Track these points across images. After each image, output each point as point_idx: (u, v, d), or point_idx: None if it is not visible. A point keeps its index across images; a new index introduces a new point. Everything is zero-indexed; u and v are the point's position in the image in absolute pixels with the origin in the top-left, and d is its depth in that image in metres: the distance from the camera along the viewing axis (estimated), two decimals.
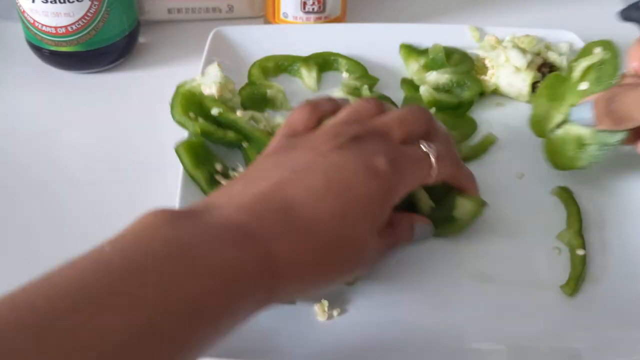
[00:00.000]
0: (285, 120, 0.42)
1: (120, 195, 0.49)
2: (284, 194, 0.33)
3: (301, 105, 0.41)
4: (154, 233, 0.29)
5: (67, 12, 0.55)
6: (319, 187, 0.34)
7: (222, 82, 0.51)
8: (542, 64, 0.57)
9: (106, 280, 0.26)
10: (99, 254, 0.28)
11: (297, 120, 0.41)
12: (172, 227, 0.29)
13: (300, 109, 0.41)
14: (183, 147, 0.47)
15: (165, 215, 0.30)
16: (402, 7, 0.74)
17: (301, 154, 0.36)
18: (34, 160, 0.52)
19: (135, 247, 0.28)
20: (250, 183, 0.34)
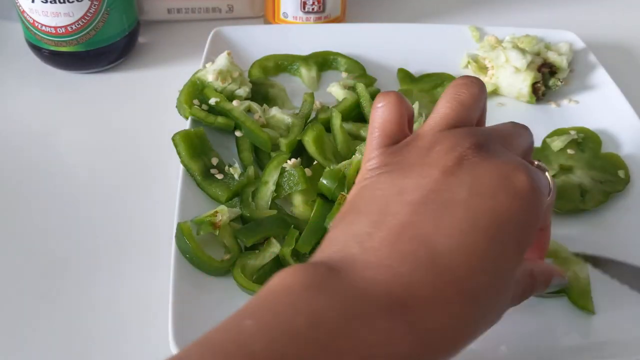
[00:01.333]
0: (372, 124, 0.35)
1: (120, 194, 0.49)
2: (424, 239, 0.28)
3: (383, 99, 0.35)
4: (295, 304, 0.25)
5: (67, 12, 0.55)
6: (461, 223, 0.29)
7: (223, 70, 0.51)
8: (542, 64, 0.57)
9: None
10: (240, 334, 0.24)
11: (388, 123, 0.34)
12: (315, 295, 0.26)
13: (384, 105, 0.35)
14: (180, 137, 0.47)
15: (305, 277, 0.26)
16: (401, 7, 0.74)
17: (423, 174, 0.31)
18: (33, 160, 0.52)
19: (279, 327, 0.24)
20: (378, 221, 0.29)
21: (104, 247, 0.45)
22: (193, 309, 0.38)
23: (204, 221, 0.42)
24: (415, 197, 0.29)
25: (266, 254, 0.42)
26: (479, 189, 0.29)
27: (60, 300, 0.41)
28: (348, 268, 0.27)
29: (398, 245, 0.28)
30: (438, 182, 0.30)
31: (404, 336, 0.25)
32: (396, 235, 0.28)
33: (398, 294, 0.26)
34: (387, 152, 0.33)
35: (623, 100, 0.54)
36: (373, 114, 0.35)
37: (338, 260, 0.28)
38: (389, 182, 0.31)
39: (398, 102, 0.35)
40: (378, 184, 0.31)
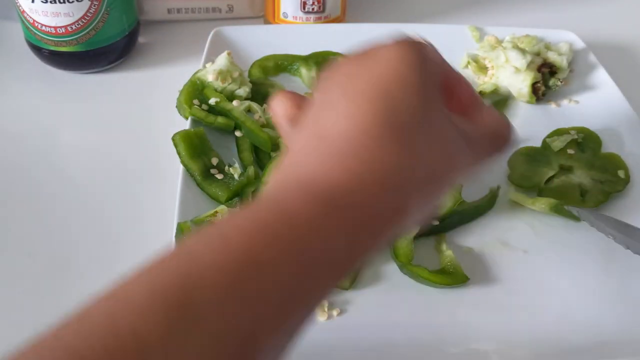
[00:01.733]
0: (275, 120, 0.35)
1: (120, 194, 0.49)
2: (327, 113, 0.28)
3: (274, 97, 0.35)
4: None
5: (67, 12, 0.55)
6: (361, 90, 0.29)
7: (223, 70, 0.51)
8: (542, 64, 0.57)
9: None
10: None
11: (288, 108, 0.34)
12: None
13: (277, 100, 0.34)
14: (180, 137, 0.47)
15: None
16: (401, 7, 0.74)
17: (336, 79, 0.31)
18: (33, 160, 0.52)
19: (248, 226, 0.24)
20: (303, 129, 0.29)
21: (103, 247, 0.45)
22: None
23: (203, 221, 0.42)
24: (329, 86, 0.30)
25: None
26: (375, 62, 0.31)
27: (60, 300, 0.41)
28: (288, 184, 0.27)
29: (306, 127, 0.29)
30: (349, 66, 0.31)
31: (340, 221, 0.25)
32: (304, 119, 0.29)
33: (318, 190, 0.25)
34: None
35: (623, 100, 0.55)
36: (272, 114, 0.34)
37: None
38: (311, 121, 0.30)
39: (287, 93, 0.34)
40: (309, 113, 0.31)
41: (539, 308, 0.40)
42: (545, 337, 0.39)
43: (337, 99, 0.29)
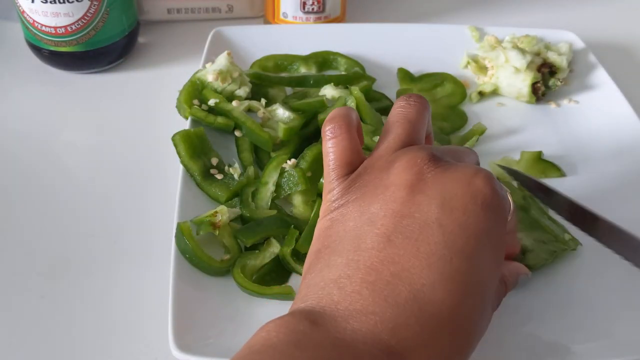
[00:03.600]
0: (327, 156, 0.34)
1: (119, 194, 0.49)
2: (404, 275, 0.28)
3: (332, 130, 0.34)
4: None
5: (67, 12, 0.55)
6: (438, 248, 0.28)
7: (223, 70, 0.51)
8: (541, 64, 0.57)
9: None
10: None
11: (342, 151, 0.33)
12: (298, 351, 0.25)
13: (334, 135, 0.34)
14: (180, 137, 0.47)
15: (286, 333, 0.26)
16: (401, 7, 0.74)
17: (389, 196, 0.30)
18: (33, 160, 0.52)
19: None
20: (354, 260, 0.29)
21: (103, 247, 0.45)
22: (193, 309, 0.38)
23: (203, 221, 0.42)
24: (388, 226, 0.29)
25: (266, 254, 0.42)
26: (449, 203, 0.29)
27: (59, 300, 0.41)
28: (331, 318, 0.27)
29: (379, 287, 0.27)
30: (406, 203, 0.30)
31: None
32: (376, 274, 0.28)
33: (385, 341, 0.26)
34: (347, 180, 0.33)
35: (623, 100, 0.55)
36: (325, 145, 0.34)
37: (320, 310, 0.27)
38: (358, 211, 0.31)
39: (347, 127, 0.34)
40: (347, 215, 0.31)
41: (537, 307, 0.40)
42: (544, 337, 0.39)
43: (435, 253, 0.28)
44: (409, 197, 0.30)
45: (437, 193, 0.30)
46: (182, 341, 0.35)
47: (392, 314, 0.27)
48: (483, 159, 0.50)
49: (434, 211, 0.29)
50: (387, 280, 0.28)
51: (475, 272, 0.28)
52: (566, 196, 0.40)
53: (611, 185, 0.49)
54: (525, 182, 0.43)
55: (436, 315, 0.27)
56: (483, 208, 0.30)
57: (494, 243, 0.30)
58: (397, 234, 0.29)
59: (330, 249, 0.30)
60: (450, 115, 0.55)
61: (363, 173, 0.33)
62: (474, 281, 0.28)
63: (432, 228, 0.29)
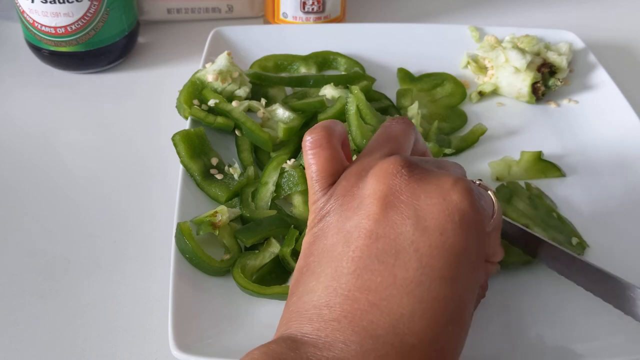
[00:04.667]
0: (308, 167, 0.34)
1: (120, 194, 0.49)
2: (383, 304, 0.27)
3: (312, 143, 0.34)
4: None
5: (67, 12, 0.55)
6: (416, 274, 0.28)
7: (223, 70, 0.51)
8: (541, 64, 0.57)
9: None
10: None
11: (323, 162, 0.33)
12: None
13: (315, 148, 0.34)
14: (180, 137, 0.47)
15: (268, 355, 0.26)
16: (401, 7, 0.74)
17: (363, 211, 0.30)
18: (33, 160, 0.52)
19: None
20: (333, 287, 0.28)
21: (103, 247, 0.45)
22: (193, 309, 0.38)
23: (203, 221, 0.42)
24: (363, 250, 0.29)
25: (266, 254, 0.42)
26: (423, 222, 0.28)
27: (59, 300, 0.41)
28: (312, 346, 0.27)
29: (357, 317, 0.27)
30: (380, 222, 0.29)
31: None
32: (354, 303, 0.27)
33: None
34: (328, 192, 0.32)
35: (622, 100, 0.55)
36: (306, 157, 0.34)
37: (301, 336, 0.27)
38: (336, 227, 0.30)
39: (327, 139, 0.34)
40: (326, 230, 0.31)
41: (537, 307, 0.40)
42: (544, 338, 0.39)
43: (413, 280, 0.28)
44: (383, 215, 0.29)
45: (411, 211, 0.29)
46: (181, 341, 0.35)
47: (372, 345, 0.26)
48: (483, 159, 0.51)
49: (409, 232, 0.28)
50: (366, 309, 0.27)
51: (455, 295, 0.28)
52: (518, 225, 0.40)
53: (611, 185, 0.49)
54: None
55: (417, 347, 0.27)
56: (461, 226, 0.29)
57: (473, 259, 0.29)
58: (372, 258, 0.28)
59: (310, 270, 0.30)
60: (450, 116, 0.55)
61: (342, 181, 0.32)
62: (454, 306, 0.28)
63: (408, 253, 0.28)
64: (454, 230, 0.28)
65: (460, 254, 0.28)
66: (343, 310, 0.27)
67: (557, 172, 0.50)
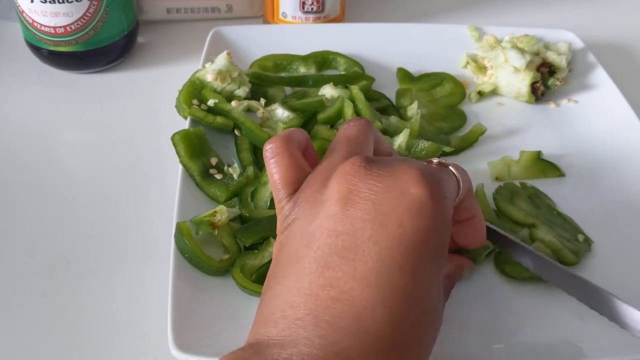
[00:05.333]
0: (271, 178, 0.35)
1: (119, 194, 0.49)
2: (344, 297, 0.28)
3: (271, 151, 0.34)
4: None
5: (66, 12, 0.55)
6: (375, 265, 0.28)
7: (222, 70, 0.51)
8: (541, 63, 0.57)
9: None
10: None
11: (284, 171, 0.34)
12: None
13: (274, 158, 0.34)
14: (179, 137, 0.47)
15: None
16: (401, 6, 0.74)
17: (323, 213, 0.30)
18: (33, 160, 0.52)
19: None
20: (296, 288, 0.29)
21: (102, 247, 0.45)
22: (192, 309, 0.38)
23: (202, 221, 0.42)
24: (324, 248, 0.29)
25: (265, 254, 0.42)
26: (382, 218, 0.29)
27: (59, 300, 0.41)
28: (278, 347, 0.27)
29: (320, 313, 0.27)
30: (339, 221, 0.29)
31: None
32: (316, 300, 0.28)
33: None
34: (292, 199, 0.33)
35: (622, 99, 0.55)
36: (268, 167, 0.35)
37: (266, 339, 0.28)
38: (299, 232, 0.31)
39: (285, 147, 0.34)
40: (290, 237, 0.31)
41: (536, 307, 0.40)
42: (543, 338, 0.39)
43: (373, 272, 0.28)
44: (343, 213, 0.29)
45: (370, 207, 0.29)
46: (181, 341, 0.35)
47: (336, 337, 0.27)
48: (482, 159, 0.51)
49: (368, 227, 0.29)
50: (328, 305, 0.28)
51: (417, 285, 0.28)
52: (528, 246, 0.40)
53: (610, 184, 0.49)
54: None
55: (379, 336, 0.27)
56: (420, 218, 0.29)
57: (434, 247, 0.29)
58: (333, 255, 0.29)
59: (277, 276, 0.31)
60: (450, 115, 0.55)
61: (305, 187, 0.33)
62: (416, 296, 0.28)
63: (367, 246, 0.28)
64: (412, 222, 0.29)
65: (420, 245, 0.29)
66: (306, 309, 0.28)
67: (557, 172, 0.50)
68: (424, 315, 0.28)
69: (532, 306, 0.40)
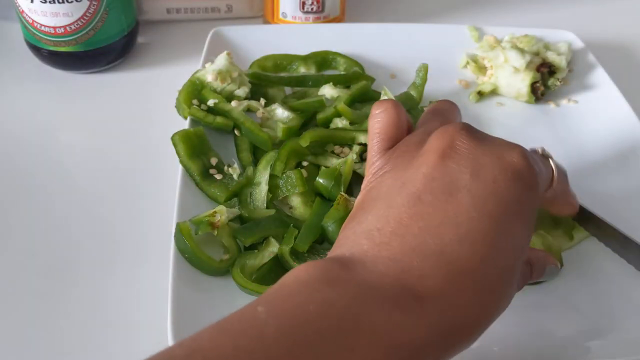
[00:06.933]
0: (371, 130, 0.36)
1: (119, 194, 0.49)
2: (433, 230, 0.29)
3: (380, 106, 0.36)
4: (309, 296, 0.26)
5: (66, 12, 0.55)
6: (467, 210, 0.29)
7: (222, 70, 0.51)
8: (541, 64, 0.57)
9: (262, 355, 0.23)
10: (253, 318, 0.25)
11: (387, 126, 0.35)
12: (327, 287, 0.26)
13: (382, 111, 0.36)
14: (179, 137, 0.47)
15: (317, 271, 0.27)
16: (401, 7, 0.74)
17: (421, 162, 0.31)
18: (32, 160, 0.52)
19: (290, 313, 0.25)
20: (385, 215, 0.30)
21: (102, 247, 0.45)
22: (192, 309, 0.38)
23: (202, 221, 0.42)
24: (418, 186, 0.30)
25: (265, 254, 0.42)
26: (479, 172, 0.30)
27: (58, 300, 0.41)
28: (359, 263, 0.28)
29: (407, 239, 0.28)
30: (437, 168, 0.30)
31: (417, 325, 0.26)
32: (405, 228, 0.29)
33: (410, 285, 0.27)
34: (387, 153, 0.34)
35: (622, 100, 0.55)
36: (371, 121, 0.36)
37: (350, 256, 0.29)
38: (392, 178, 0.32)
39: (395, 108, 0.36)
40: (382, 182, 0.32)
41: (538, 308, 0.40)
42: (544, 337, 0.39)
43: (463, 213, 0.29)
44: (441, 162, 0.31)
45: (468, 162, 0.30)
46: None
47: (419, 264, 0.28)
48: None
49: (465, 178, 0.30)
50: (415, 233, 0.29)
51: (502, 236, 0.29)
52: None
53: (610, 184, 0.49)
54: None
55: (462, 270, 0.28)
56: (513, 179, 0.30)
57: (523, 213, 0.30)
58: (426, 193, 0.30)
59: (363, 209, 0.32)
60: None
61: (402, 146, 0.34)
62: (501, 245, 0.29)
63: (461, 192, 0.29)
64: (506, 182, 0.30)
65: (510, 201, 0.30)
66: (393, 234, 0.29)
67: None
68: (506, 270, 0.29)
69: (532, 306, 0.40)
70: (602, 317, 0.40)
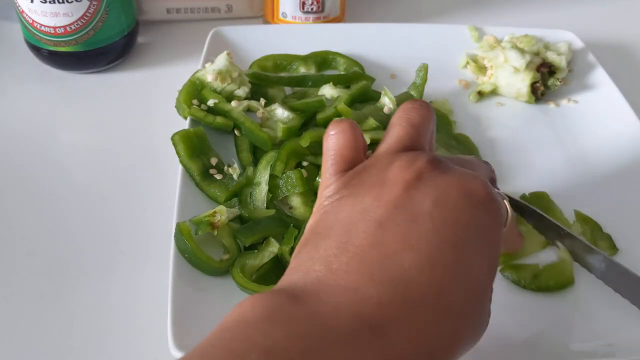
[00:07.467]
0: (327, 151, 0.34)
1: (119, 194, 0.49)
2: (392, 256, 0.28)
3: (336, 127, 0.34)
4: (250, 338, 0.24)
5: (66, 12, 0.55)
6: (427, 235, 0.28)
7: (222, 70, 0.51)
8: (541, 64, 0.57)
9: None
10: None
11: (343, 148, 0.34)
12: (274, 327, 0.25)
13: (337, 132, 0.34)
14: (179, 137, 0.47)
15: (264, 309, 0.25)
16: (401, 6, 0.74)
17: (385, 192, 0.30)
18: (32, 160, 0.52)
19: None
20: (344, 242, 0.29)
21: (102, 247, 0.45)
22: (192, 309, 0.38)
23: (202, 221, 0.42)
24: (380, 214, 0.29)
25: (265, 254, 0.42)
26: (442, 200, 0.30)
27: (58, 300, 0.41)
28: (313, 294, 0.26)
29: (366, 266, 0.27)
30: (400, 197, 0.30)
31: (376, 357, 0.25)
32: (364, 254, 0.28)
33: (367, 316, 0.26)
34: (344, 176, 0.32)
35: (622, 100, 0.55)
36: (326, 141, 0.34)
37: (302, 286, 0.27)
38: (351, 205, 0.30)
39: (352, 129, 0.34)
40: (340, 207, 0.31)
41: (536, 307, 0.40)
42: (544, 338, 0.39)
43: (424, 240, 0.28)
44: (405, 192, 0.30)
45: (431, 191, 0.30)
46: (181, 341, 0.35)
47: (377, 292, 0.27)
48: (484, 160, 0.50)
49: (427, 205, 0.29)
50: (375, 260, 0.28)
51: (464, 264, 0.29)
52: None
53: (610, 184, 0.49)
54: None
55: (422, 295, 0.27)
56: (476, 207, 0.30)
57: (487, 240, 0.30)
58: (389, 221, 0.29)
59: (319, 234, 0.30)
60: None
61: (362, 171, 0.32)
62: (463, 272, 0.28)
63: (423, 219, 0.29)
64: (468, 209, 0.30)
65: (472, 229, 0.29)
66: (351, 261, 0.28)
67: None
68: (471, 296, 0.29)
69: (533, 306, 0.40)
70: (602, 317, 0.40)
